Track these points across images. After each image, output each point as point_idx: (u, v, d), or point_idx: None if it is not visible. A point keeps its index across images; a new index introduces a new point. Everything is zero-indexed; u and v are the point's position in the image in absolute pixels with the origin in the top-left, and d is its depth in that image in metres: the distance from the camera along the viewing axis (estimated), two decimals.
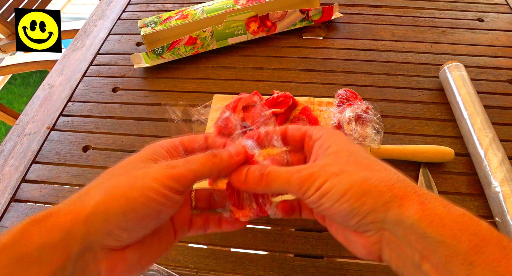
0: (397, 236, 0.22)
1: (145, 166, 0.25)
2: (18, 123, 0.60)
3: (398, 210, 0.22)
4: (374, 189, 0.23)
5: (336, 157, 0.25)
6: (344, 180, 0.23)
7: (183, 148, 0.29)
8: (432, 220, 0.21)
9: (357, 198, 0.23)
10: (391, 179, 0.23)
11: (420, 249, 0.21)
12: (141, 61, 0.65)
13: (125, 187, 0.23)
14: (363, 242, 0.24)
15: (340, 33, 0.70)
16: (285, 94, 0.52)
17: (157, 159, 0.26)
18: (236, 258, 0.43)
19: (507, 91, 0.58)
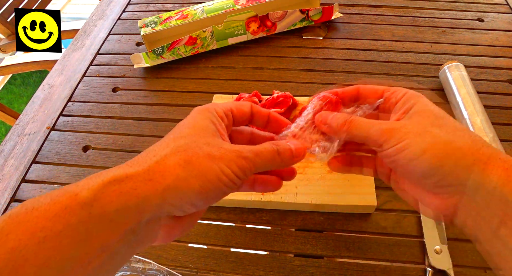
0: (476, 200, 0.22)
1: (218, 144, 0.25)
2: (18, 123, 0.60)
3: (481, 174, 0.22)
4: (457, 151, 0.23)
5: (421, 117, 0.26)
6: (426, 139, 0.24)
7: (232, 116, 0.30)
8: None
9: (438, 158, 0.23)
10: (477, 144, 0.23)
11: (501, 214, 0.21)
12: (141, 61, 0.65)
13: (204, 166, 0.24)
14: (438, 204, 0.25)
15: (340, 33, 0.70)
16: (285, 94, 0.52)
17: (221, 134, 0.27)
18: (236, 258, 0.43)
19: (507, 91, 0.58)
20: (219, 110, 0.29)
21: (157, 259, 0.42)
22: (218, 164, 0.24)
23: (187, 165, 0.23)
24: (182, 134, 0.26)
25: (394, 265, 0.41)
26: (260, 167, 0.26)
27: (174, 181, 0.23)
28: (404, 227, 0.44)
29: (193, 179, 0.23)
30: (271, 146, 0.27)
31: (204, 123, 0.27)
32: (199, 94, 0.61)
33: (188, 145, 0.25)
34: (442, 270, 0.39)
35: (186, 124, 0.27)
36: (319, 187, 0.45)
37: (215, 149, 0.25)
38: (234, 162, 0.25)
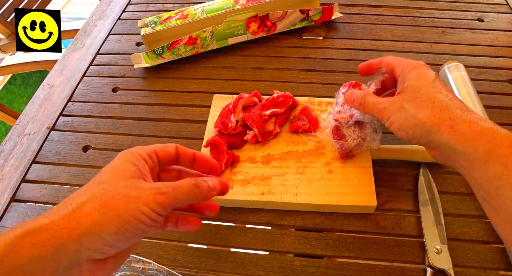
0: (443, 151, 0.32)
1: (136, 185, 0.26)
2: (18, 123, 0.60)
3: (436, 135, 0.31)
4: (419, 121, 0.32)
5: (404, 94, 0.35)
6: (401, 115, 0.34)
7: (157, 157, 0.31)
8: (458, 138, 0.30)
9: (409, 129, 0.34)
10: (433, 112, 0.32)
11: (456, 158, 0.31)
12: (141, 61, 0.65)
13: (120, 208, 0.24)
14: (432, 153, 0.36)
15: (340, 33, 0.70)
16: (285, 94, 0.52)
17: (142, 174, 0.28)
18: (236, 258, 0.43)
19: (507, 91, 0.58)
20: (142, 152, 0.30)
21: (157, 259, 0.42)
22: (135, 204, 0.25)
23: (103, 209, 0.24)
24: (101, 180, 0.27)
25: (394, 265, 0.41)
26: (180, 200, 0.27)
27: (89, 226, 0.23)
28: (404, 227, 0.44)
29: (110, 221, 0.24)
30: (188, 180, 0.29)
31: (124, 166, 0.28)
32: (199, 94, 0.61)
33: (105, 190, 0.25)
34: (442, 270, 0.39)
35: (107, 169, 0.28)
36: (319, 187, 0.45)
37: (133, 190, 0.26)
38: (152, 199, 0.25)
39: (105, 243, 0.24)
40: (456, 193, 0.46)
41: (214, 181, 0.31)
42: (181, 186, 0.28)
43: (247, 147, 0.50)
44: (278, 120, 0.51)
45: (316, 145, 0.49)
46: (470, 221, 0.44)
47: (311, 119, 0.51)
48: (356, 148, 0.45)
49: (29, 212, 0.49)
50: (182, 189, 0.28)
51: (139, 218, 0.25)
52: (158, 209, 0.26)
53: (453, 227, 0.43)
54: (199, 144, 0.51)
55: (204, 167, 0.34)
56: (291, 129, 0.51)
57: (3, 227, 0.48)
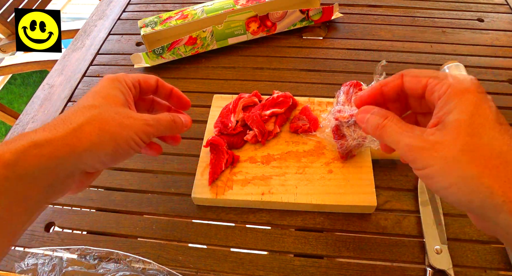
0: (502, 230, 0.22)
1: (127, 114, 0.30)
2: (18, 123, 0.60)
3: (505, 215, 0.21)
4: (485, 189, 0.21)
5: (454, 133, 0.23)
6: (453, 172, 0.22)
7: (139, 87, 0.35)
8: None
9: (464, 194, 0.22)
10: (509, 179, 0.21)
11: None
12: (141, 61, 0.65)
13: (115, 133, 0.29)
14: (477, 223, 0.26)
15: (340, 33, 0.70)
16: (285, 94, 0.52)
17: (128, 103, 0.32)
18: (236, 258, 0.43)
19: (507, 91, 0.58)
20: (128, 81, 0.33)
21: (157, 259, 0.42)
22: (128, 131, 0.29)
23: (101, 132, 0.28)
24: (96, 104, 0.30)
25: (394, 265, 0.41)
26: (161, 132, 0.33)
27: (89, 145, 0.27)
28: (404, 227, 0.44)
29: (107, 144, 0.28)
30: (168, 115, 0.34)
31: (114, 93, 0.32)
32: (199, 94, 0.61)
33: (101, 114, 0.29)
34: (442, 270, 0.39)
35: (97, 93, 0.31)
36: (319, 187, 0.45)
37: (125, 118, 0.30)
38: (141, 129, 0.30)
39: (99, 161, 0.29)
40: None
41: (187, 118, 0.37)
42: (163, 119, 0.33)
43: (247, 147, 0.50)
44: (278, 120, 0.51)
45: (316, 145, 0.49)
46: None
47: (311, 119, 0.51)
48: (356, 148, 0.45)
49: None
50: (163, 122, 0.33)
51: (130, 144, 0.30)
52: (145, 138, 0.31)
53: (453, 227, 0.43)
54: (199, 144, 0.51)
55: (178, 103, 0.39)
56: (291, 129, 0.51)
57: None
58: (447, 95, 0.24)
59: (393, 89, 0.29)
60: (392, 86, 0.28)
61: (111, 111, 0.29)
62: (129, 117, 0.30)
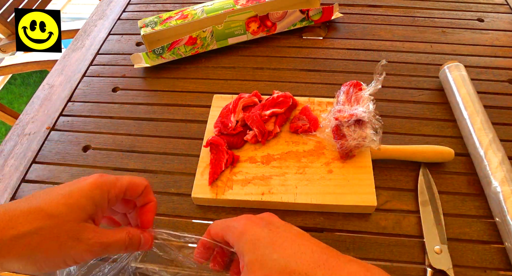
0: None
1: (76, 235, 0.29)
2: (18, 123, 0.60)
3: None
4: None
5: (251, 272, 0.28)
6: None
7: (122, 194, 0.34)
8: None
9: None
10: None
11: None
12: (141, 61, 0.65)
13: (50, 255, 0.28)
14: None
15: (340, 33, 0.70)
16: (285, 94, 0.52)
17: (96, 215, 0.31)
18: None
19: (507, 91, 0.58)
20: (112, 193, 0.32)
21: (157, 259, 0.42)
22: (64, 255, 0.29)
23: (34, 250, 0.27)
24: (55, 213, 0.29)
25: (394, 265, 0.41)
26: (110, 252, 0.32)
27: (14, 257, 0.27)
28: (404, 227, 0.44)
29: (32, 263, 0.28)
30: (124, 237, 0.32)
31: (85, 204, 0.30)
32: (199, 94, 0.61)
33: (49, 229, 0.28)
34: (442, 270, 0.39)
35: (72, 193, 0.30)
36: (319, 187, 0.45)
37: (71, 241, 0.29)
38: (80, 255, 0.29)
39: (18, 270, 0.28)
40: (456, 193, 0.46)
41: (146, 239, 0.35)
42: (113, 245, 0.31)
43: (247, 147, 0.50)
44: (278, 120, 0.51)
45: (316, 145, 0.49)
46: (470, 221, 0.44)
47: (311, 119, 0.51)
48: (356, 148, 0.45)
49: None
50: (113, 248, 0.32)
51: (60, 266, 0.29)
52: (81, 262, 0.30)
53: (453, 227, 0.43)
54: (199, 144, 0.51)
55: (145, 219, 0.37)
56: (291, 129, 0.51)
57: None
58: (235, 244, 0.30)
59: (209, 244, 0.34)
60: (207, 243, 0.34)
61: (62, 229, 0.29)
62: (75, 239, 0.29)
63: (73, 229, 0.29)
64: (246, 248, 0.29)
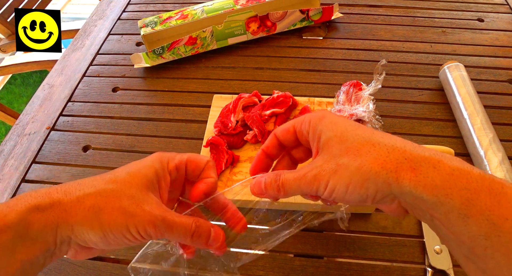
0: (407, 202, 0.24)
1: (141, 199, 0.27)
2: (18, 123, 0.60)
3: (397, 183, 0.24)
4: (370, 173, 0.24)
5: (329, 149, 0.27)
6: (343, 175, 0.25)
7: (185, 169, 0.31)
8: (425, 184, 0.23)
9: (360, 186, 0.25)
10: (381, 156, 0.25)
11: (425, 209, 0.24)
12: (141, 61, 0.65)
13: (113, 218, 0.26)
14: (388, 209, 0.27)
15: (340, 33, 0.70)
16: (285, 94, 0.52)
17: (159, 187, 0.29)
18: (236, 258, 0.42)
19: (507, 91, 0.58)
20: (172, 163, 0.30)
21: None
22: (127, 220, 0.26)
23: (100, 211, 0.26)
24: (117, 178, 0.28)
25: (394, 265, 0.41)
26: (167, 237, 0.28)
27: (82, 220, 0.26)
28: (404, 227, 0.44)
29: (99, 226, 0.26)
30: (190, 224, 0.28)
31: (146, 171, 0.29)
32: (199, 94, 0.61)
33: (112, 192, 0.27)
34: (442, 270, 0.39)
35: (132, 166, 0.29)
36: None
37: (134, 206, 0.27)
38: (143, 225, 0.26)
39: (89, 240, 0.26)
40: None
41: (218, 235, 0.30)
42: (178, 227, 0.28)
43: (247, 147, 0.50)
44: (278, 120, 0.51)
45: None
46: None
47: None
48: None
49: None
50: (176, 230, 0.28)
51: (125, 234, 0.26)
52: (144, 235, 0.27)
53: None
54: (199, 144, 0.51)
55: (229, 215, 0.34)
56: None
57: None
58: (312, 127, 0.29)
59: (274, 149, 0.32)
60: (271, 146, 0.32)
61: (125, 193, 0.27)
62: (138, 205, 0.27)
63: (136, 195, 0.27)
64: (324, 129, 0.28)
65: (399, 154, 0.24)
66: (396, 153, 0.25)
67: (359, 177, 0.25)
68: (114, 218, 0.26)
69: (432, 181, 0.23)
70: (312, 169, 0.27)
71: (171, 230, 0.27)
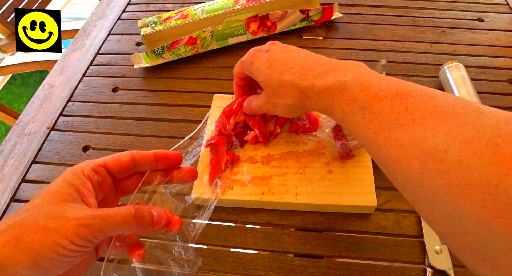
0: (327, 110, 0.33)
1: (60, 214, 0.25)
2: (18, 123, 0.60)
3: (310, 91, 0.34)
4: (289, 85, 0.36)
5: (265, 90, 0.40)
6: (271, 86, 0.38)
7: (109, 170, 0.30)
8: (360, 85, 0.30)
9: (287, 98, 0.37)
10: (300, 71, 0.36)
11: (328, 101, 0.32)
12: (141, 61, 0.65)
13: (35, 241, 0.23)
14: None
15: (340, 33, 0.70)
16: None
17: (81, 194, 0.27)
18: (236, 258, 0.43)
19: (507, 91, 0.58)
20: (86, 168, 0.29)
21: (157, 259, 0.42)
22: (52, 236, 0.23)
23: (17, 242, 0.23)
24: (29, 206, 0.25)
25: (394, 265, 0.41)
26: (110, 232, 0.26)
27: (1, 259, 0.22)
28: (404, 227, 0.44)
29: (22, 255, 0.23)
30: (127, 209, 0.27)
31: (59, 187, 0.27)
32: (199, 94, 0.61)
33: (25, 220, 0.24)
34: (442, 270, 0.39)
35: (41, 191, 0.27)
36: (319, 187, 0.45)
37: (54, 220, 0.24)
38: (73, 232, 0.24)
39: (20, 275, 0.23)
40: None
41: (161, 213, 0.29)
42: (115, 216, 0.26)
43: (247, 147, 0.50)
44: (279, 121, 0.51)
45: (316, 145, 0.49)
46: None
47: (311, 119, 0.51)
48: (356, 148, 0.45)
49: None
50: (114, 220, 0.26)
51: (56, 251, 0.23)
52: (80, 241, 0.24)
53: None
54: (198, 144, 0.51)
55: (169, 163, 0.33)
56: (291, 130, 0.51)
57: None
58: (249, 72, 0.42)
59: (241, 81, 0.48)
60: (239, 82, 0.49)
61: (40, 214, 0.24)
62: (59, 218, 0.24)
63: (53, 210, 0.25)
64: (256, 74, 0.39)
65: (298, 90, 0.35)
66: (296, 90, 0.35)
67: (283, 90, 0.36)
68: (37, 240, 0.23)
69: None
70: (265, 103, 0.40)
71: (108, 222, 0.25)
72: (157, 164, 0.33)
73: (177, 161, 0.33)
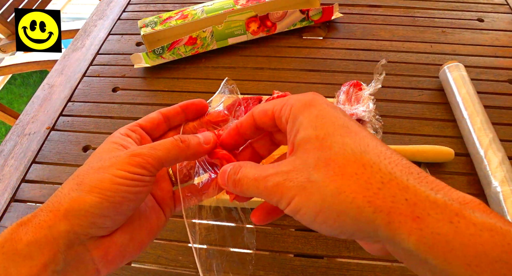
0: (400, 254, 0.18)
1: (110, 156, 0.25)
2: (18, 123, 0.60)
3: (388, 231, 0.17)
4: (349, 206, 0.18)
5: (304, 153, 0.21)
6: (313, 196, 0.19)
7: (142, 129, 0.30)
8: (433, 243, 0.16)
9: (334, 219, 0.19)
10: (371, 184, 0.18)
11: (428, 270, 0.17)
12: (141, 61, 0.65)
13: (95, 179, 0.23)
14: (368, 248, 0.22)
15: (340, 33, 0.70)
16: (285, 94, 0.52)
17: (119, 148, 0.26)
18: None
19: (507, 91, 0.58)
20: (122, 130, 0.29)
21: (157, 259, 0.42)
22: (108, 171, 0.24)
23: (79, 186, 0.23)
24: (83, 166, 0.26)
25: (394, 265, 0.41)
26: (164, 159, 0.25)
27: (69, 203, 0.23)
28: None
29: (87, 194, 0.23)
30: (171, 138, 0.26)
31: (103, 147, 0.27)
32: (199, 94, 0.61)
33: (81, 171, 0.25)
34: None
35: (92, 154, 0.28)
36: None
37: (106, 161, 0.24)
38: (126, 162, 0.24)
39: (94, 216, 0.23)
40: None
41: (207, 134, 0.28)
42: (161, 143, 0.26)
43: None
44: None
45: None
46: None
47: None
48: None
49: (29, 212, 0.49)
50: (161, 146, 0.25)
51: (116, 182, 0.23)
52: (135, 170, 0.24)
53: None
54: None
55: (195, 109, 0.31)
56: None
57: (3, 227, 0.48)
58: (292, 117, 0.23)
59: (248, 129, 0.27)
60: (246, 126, 0.27)
61: (94, 162, 0.25)
62: (111, 157, 0.25)
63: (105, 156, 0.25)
64: (306, 122, 0.21)
65: (397, 189, 0.18)
66: (394, 187, 0.18)
67: (333, 206, 0.18)
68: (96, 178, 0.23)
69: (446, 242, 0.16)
70: (277, 173, 0.21)
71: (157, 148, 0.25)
72: (184, 114, 0.31)
73: (202, 106, 0.32)
